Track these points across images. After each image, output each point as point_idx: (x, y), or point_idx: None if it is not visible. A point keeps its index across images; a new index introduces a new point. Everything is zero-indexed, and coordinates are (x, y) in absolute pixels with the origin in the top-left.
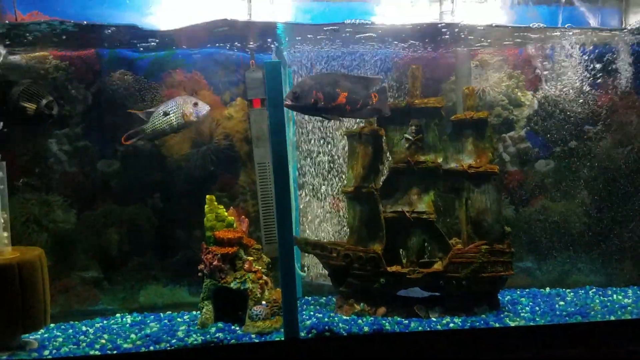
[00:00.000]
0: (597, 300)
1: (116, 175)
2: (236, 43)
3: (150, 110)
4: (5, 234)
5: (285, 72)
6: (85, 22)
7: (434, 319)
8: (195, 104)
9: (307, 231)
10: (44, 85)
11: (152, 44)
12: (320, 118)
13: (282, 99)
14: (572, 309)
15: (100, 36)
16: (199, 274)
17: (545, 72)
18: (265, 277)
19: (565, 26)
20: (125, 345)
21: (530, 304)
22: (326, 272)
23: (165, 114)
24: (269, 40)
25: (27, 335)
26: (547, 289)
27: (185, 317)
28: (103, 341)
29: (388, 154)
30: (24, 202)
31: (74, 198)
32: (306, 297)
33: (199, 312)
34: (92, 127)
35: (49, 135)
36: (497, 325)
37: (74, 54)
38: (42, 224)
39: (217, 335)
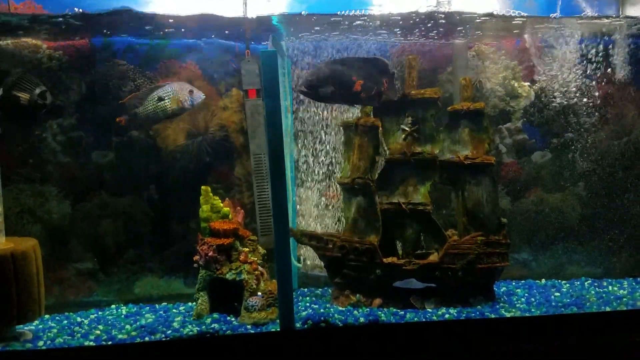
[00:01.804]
0: (593, 292)
1: (111, 166)
2: (230, 34)
3: (143, 90)
4: None
5: (284, 62)
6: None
7: (430, 310)
8: (191, 92)
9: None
10: (37, 74)
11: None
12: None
13: (278, 89)
14: (568, 300)
15: (95, 25)
16: (195, 265)
17: (542, 63)
18: (261, 269)
19: (601, 13)
20: (120, 336)
21: (526, 295)
22: (322, 263)
23: (160, 99)
24: (264, 31)
25: (21, 326)
26: (543, 281)
27: (181, 308)
28: (98, 332)
29: (384, 145)
30: (17, 193)
31: (68, 189)
32: (302, 289)
33: (194, 303)
34: (86, 118)
35: (43, 125)
36: (492, 316)
37: (67, 43)
38: (36, 214)
39: (212, 326)
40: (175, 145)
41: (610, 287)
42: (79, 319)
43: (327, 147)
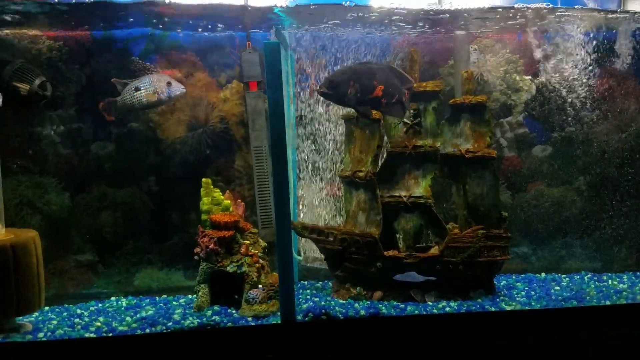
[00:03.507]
0: (593, 286)
1: (110, 157)
2: (233, 24)
3: (126, 82)
4: None
5: (287, 54)
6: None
7: (430, 303)
8: (169, 83)
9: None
10: (37, 65)
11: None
12: None
13: (281, 81)
14: (568, 294)
15: (94, 15)
16: (195, 257)
17: (544, 57)
18: (261, 261)
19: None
20: (120, 328)
21: (526, 288)
22: (322, 256)
23: (137, 89)
24: (267, 22)
25: (21, 317)
26: (543, 274)
27: (181, 300)
28: (98, 324)
29: (386, 138)
30: (17, 184)
31: (68, 180)
32: (302, 282)
33: (194, 295)
34: (85, 109)
35: (42, 116)
36: (493, 309)
37: (67, 34)
38: (35, 206)
39: (213, 318)
40: (175, 137)
41: (610, 281)
42: (78, 311)
43: None
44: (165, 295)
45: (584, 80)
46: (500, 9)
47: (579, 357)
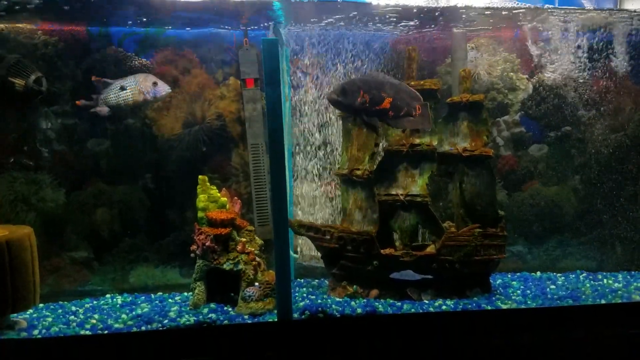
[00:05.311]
0: (588, 285)
1: (106, 154)
2: (230, 20)
3: (107, 80)
4: None
5: (283, 51)
6: None
7: (427, 302)
8: (155, 84)
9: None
10: (32, 60)
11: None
12: None
13: (279, 78)
14: (563, 293)
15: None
16: (191, 254)
17: (540, 56)
18: (258, 259)
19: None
20: (116, 326)
21: (522, 287)
22: (319, 254)
23: (122, 88)
24: (265, 18)
25: (15, 314)
26: (538, 273)
27: (177, 298)
28: (94, 321)
29: (383, 136)
30: (11, 181)
31: (63, 177)
32: (298, 280)
33: (190, 293)
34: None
35: (38, 112)
36: (489, 307)
37: (63, 30)
38: (30, 203)
39: (209, 316)
40: (171, 134)
41: (605, 280)
42: (73, 308)
43: None
44: (160, 293)
45: (581, 80)
46: (497, 8)
47: (575, 356)
